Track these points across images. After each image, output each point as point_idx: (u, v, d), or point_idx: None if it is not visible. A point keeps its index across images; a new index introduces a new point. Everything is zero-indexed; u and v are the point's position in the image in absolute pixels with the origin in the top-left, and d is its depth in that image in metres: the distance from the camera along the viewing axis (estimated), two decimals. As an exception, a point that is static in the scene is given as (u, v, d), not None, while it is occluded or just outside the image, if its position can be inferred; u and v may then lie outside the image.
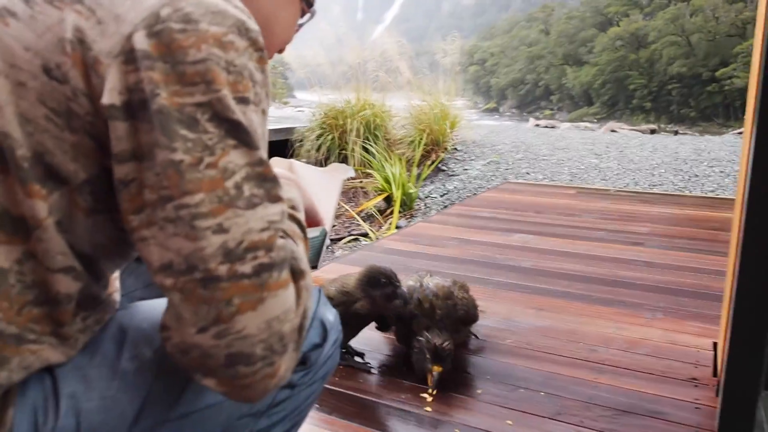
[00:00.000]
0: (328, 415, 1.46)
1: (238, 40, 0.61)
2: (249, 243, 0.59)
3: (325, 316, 0.90)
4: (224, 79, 0.59)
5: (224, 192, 0.58)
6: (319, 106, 6.76)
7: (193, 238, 0.57)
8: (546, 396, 1.56)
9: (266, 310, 0.59)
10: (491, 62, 68.04)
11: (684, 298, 2.30)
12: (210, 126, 0.58)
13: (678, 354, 1.81)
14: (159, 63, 0.58)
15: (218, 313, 0.57)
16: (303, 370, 0.86)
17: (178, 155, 0.57)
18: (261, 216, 0.60)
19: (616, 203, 4.25)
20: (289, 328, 0.61)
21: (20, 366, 0.61)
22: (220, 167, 0.58)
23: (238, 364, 0.59)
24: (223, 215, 0.58)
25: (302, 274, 0.65)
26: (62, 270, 0.62)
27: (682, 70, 46.47)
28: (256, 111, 0.63)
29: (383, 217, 5.25)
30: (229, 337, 0.58)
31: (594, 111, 50.69)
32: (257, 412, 0.83)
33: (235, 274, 0.58)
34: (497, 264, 2.74)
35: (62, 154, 0.60)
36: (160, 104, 0.57)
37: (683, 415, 1.47)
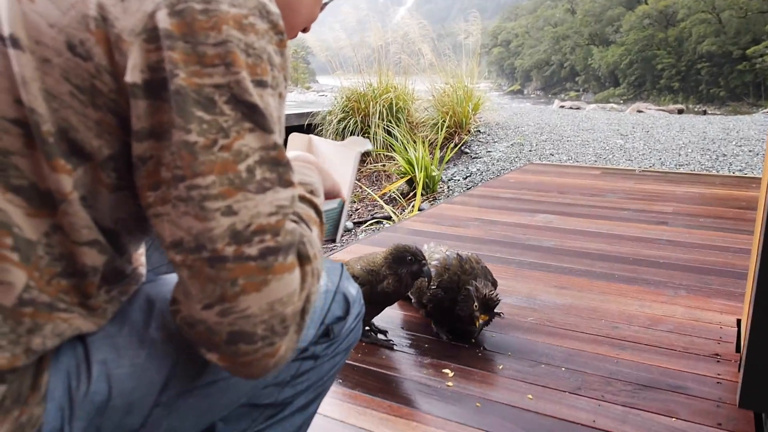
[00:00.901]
0: (351, 389, 1.50)
1: (259, 22, 0.62)
2: (257, 226, 0.60)
3: (348, 290, 0.92)
4: (243, 61, 0.60)
5: (236, 175, 0.59)
6: (341, 90, 6.77)
7: (202, 218, 0.58)
8: (567, 371, 1.57)
9: (270, 292, 0.60)
10: (515, 43, 67.06)
11: (708, 276, 2.29)
12: (227, 108, 0.59)
13: (701, 331, 1.81)
14: (180, 42, 0.58)
15: (223, 292, 0.59)
16: (326, 341, 0.88)
17: (192, 137, 0.58)
18: (270, 200, 0.61)
19: (641, 183, 4.20)
20: (291, 311, 0.62)
21: (53, 333, 0.63)
22: (234, 150, 0.59)
23: (240, 342, 0.60)
24: (233, 198, 0.59)
25: (309, 259, 0.65)
26: (87, 243, 0.63)
27: (711, 48, 45.28)
28: (273, 95, 0.63)
29: (406, 200, 5.26)
30: (232, 316, 0.60)
31: (620, 92, 49.75)
32: (282, 381, 0.85)
33: (242, 255, 0.59)
34: (520, 244, 2.75)
35: (86, 131, 0.61)
36: (179, 84, 0.58)
37: (705, 389, 1.48)
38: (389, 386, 1.52)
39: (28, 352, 0.60)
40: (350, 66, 7.31)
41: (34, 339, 0.61)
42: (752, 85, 42.92)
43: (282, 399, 0.87)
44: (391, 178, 5.77)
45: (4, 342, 0.59)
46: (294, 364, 0.85)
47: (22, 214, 0.60)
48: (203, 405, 0.74)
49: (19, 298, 0.60)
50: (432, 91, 6.87)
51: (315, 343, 0.86)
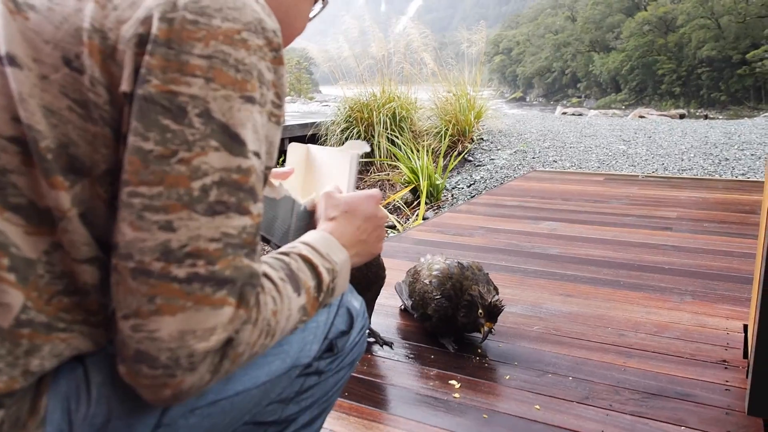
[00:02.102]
0: (357, 403, 1.49)
1: (253, 38, 0.61)
2: (192, 248, 0.57)
3: (351, 304, 0.91)
4: (228, 78, 0.59)
5: (186, 191, 0.57)
6: (344, 99, 6.79)
7: (137, 227, 0.57)
8: (574, 381, 1.57)
9: (184, 320, 0.57)
10: (517, 51, 67.25)
11: (713, 282, 2.28)
12: (197, 121, 0.57)
13: (708, 337, 1.80)
14: (162, 48, 0.57)
15: (139, 307, 0.57)
16: (330, 357, 0.87)
17: (148, 144, 0.57)
18: (217, 225, 0.58)
19: (645, 189, 4.20)
20: (203, 348, 0.58)
21: (51, 354, 0.61)
22: (193, 165, 0.57)
23: (143, 363, 0.58)
24: (176, 214, 0.57)
25: (251, 306, 0.61)
26: (88, 260, 0.62)
27: (711, 53, 45.32)
28: (261, 112, 0.62)
29: (410, 209, 5.26)
30: (141, 333, 0.57)
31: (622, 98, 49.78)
32: (285, 398, 0.84)
33: (167, 274, 0.56)
34: (525, 252, 2.74)
35: (86, 145, 0.60)
36: (147, 91, 0.57)
37: (713, 396, 1.47)
38: (395, 399, 1.51)
39: (26, 374, 0.59)
40: (353, 76, 7.34)
41: (32, 361, 0.60)
42: (753, 89, 42.92)
43: (286, 416, 0.85)
44: (395, 187, 5.78)
45: (1, 365, 0.58)
46: (298, 381, 0.84)
47: (22, 232, 0.60)
48: (205, 425, 0.73)
49: (17, 320, 0.59)
50: (435, 99, 6.89)
51: (318, 359, 0.85)
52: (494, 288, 1.77)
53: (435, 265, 1.81)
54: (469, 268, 1.78)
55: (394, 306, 2.10)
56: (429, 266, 1.82)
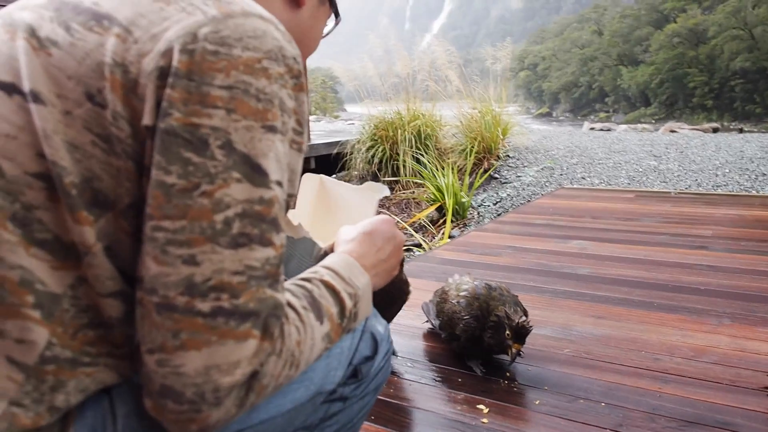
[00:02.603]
0: (383, 427, 1.46)
1: (273, 66, 0.61)
2: (216, 282, 0.57)
3: (375, 329, 0.90)
4: (250, 108, 0.59)
5: (209, 225, 0.57)
6: (369, 118, 6.83)
7: (161, 262, 0.57)
8: (607, 407, 1.51)
9: (209, 355, 0.57)
10: (543, 66, 67.07)
11: (753, 303, 2.19)
12: (219, 153, 0.57)
13: (748, 362, 1.73)
14: (183, 81, 0.57)
15: (164, 342, 0.57)
16: (354, 383, 0.86)
17: (171, 178, 0.57)
18: (241, 258, 0.58)
19: (678, 206, 4.10)
20: (228, 383, 0.58)
21: (77, 389, 0.61)
22: (216, 198, 0.57)
23: (168, 398, 0.58)
24: (199, 248, 0.57)
25: (275, 338, 0.61)
26: (112, 294, 0.62)
27: (745, 64, 44.55)
28: (282, 140, 0.62)
29: (436, 227, 5.23)
30: (167, 368, 0.57)
31: (652, 112, 49.16)
32: (310, 425, 0.83)
33: (192, 309, 0.56)
34: (554, 272, 2.69)
35: (109, 179, 0.60)
36: (169, 124, 0.57)
37: (755, 426, 1.40)
38: (422, 423, 1.48)
39: (51, 410, 0.59)
40: (378, 94, 7.38)
41: (57, 396, 0.60)
42: (789, 101, 42.02)
43: None
44: (421, 205, 5.76)
45: (27, 401, 0.58)
46: (322, 407, 0.83)
47: (48, 267, 0.60)
48: None
49: (41, 356, 0.59)
50: (460, 116, 6.88)
51: (343, 385, 0.84)
52: (522, 309, 1.73)
53: (463, 285, 1.79)
54: (497, 288, 1.74)
55: (421, 327, 2.07)
56: (457, 286, 1.80)
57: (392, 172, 6.31)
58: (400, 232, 0.89)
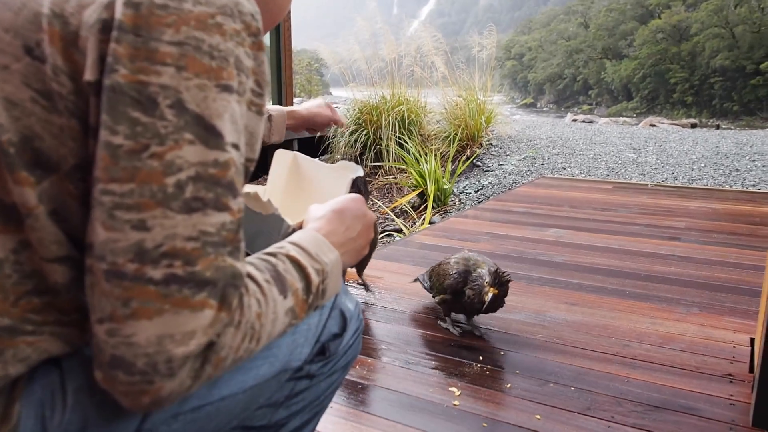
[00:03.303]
0: (354, 408, 1.48)
1: (228, 22, 0.58)
2: (168, 248, 0.54)
3: (345, 306, 0.89)
4: (202, 66, 0.55)
5: (160, 188, 0.54)
6: (353, 102, 6.79)
7: (109, 227, 0.54)
8: (576, 391, 1.55)
9: (162, 324, 0.54)
10: (529, 57, 67.13)
11: (721, 293, 2.25)
12: (170, 113, 0.54)
13: (713, 350, 1.78)
14: (129, 35, 0.54)
15: (113, 311, 0.54)
16: (322, 360, 0.85)
17: (118, 139, 0.54)
18: (194, 223, 0.55)
19: (654, 198, 4.17)
20: (182, 353, 0.55)
21: (15, 359, 0.58)
22: (166, 160, 0.54)
23: (119, 369, 0.55)
24: (149, 212, 0.54)
25: (233, 308, 0.58)
26: (58, 259, 0.59)
27: (725, 62, 45.07)
28: (239, 101, 0.59)
29: (417, 213, 5.25)
30: (117, 338, 0.54)
31: (633, 106, 49.57)
32: (275, 402, 0.82)
33: (142, 276, 0.54)
34: (530, 259, 2.72)
35: (51, 138, 0.57)
36: (115, 81, 0.54)
37: (717, 411, 1.45)
38: (394, 405, 1.50)
39: None
40: (363, 78, 7.34)
41: None
42: (765, 100, 42.61)
43: (276, 420, 0.84)
44: (403, 191, 5.77)
45: None
46: (288, 384, 0.82)
47: None
48: (190, 431, 0.70)
49: None
50: (444, 103, 6.87)
51: (310, 362, 0.83)
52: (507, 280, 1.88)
53: (458, 253, 1.96)
54: (483, 257, 1.91)
55: (396, 310, 2.09)
56: (453, 255, 1.97)
57: (375, 156, 6.30)
58: (370, 211, 0.87)
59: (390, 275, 2.49)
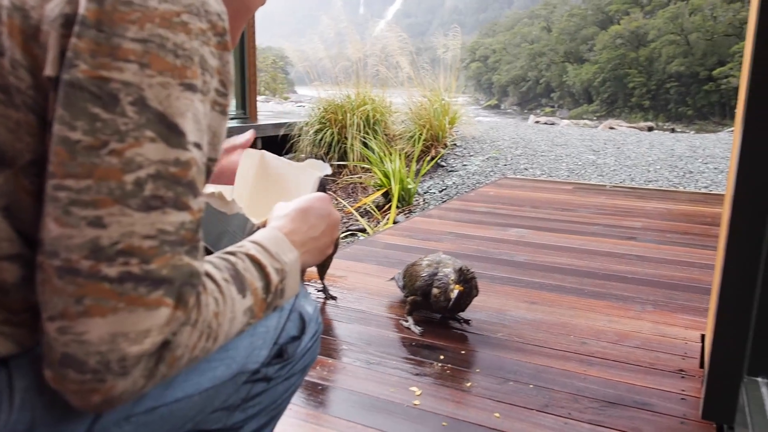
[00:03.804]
0: (313, 410, 1.47)
1: (194, 21, 0.57)
2: (125, 246, 0.53)
3: (304, 308, 0.88)
4: (166, 64, 0.55)
5: (118, 185, 0.53)
6: (318, 101, 6.76)
7: (63, 223, 0.53)
8: (535, 388, 1.57)
9: (116, 323, 0.53)
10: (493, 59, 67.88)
11: (674, 291, 2.32)
12: (131, 110, 0.54)
13: (666, 346, 1.83)
14: (92, 31, 0.53)
15: (65, 308, 0.53)
16: (280, 363, 0.84)
17: (76, 134, 0.53)
18: (152, 221, 0.54)
19: (612, 198, 4.26)
20: (136, 352, 0.54)
21: None
22: (126, 158, 0.53)
23: (70, 368, 0.54)
24: (106, 209, 0.53)
25: (190, 307, 0.57)
26: (8, 258, 0.58)
27: (680, 68, 46.43)
28: (203, 101, 0.58)
29: (381, 212, 5.26)
30: (68, 336, 0.53)
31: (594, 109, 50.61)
32: (231, 405, 0.80)
33: (97, 274, 0.53)
34: (492, 258, 2.75)
35: (7, 133, 0.56)
36: (74, 76, 0.53)
37: (669, 405, 1.49)
38: (354, 405, 1.49)
39: None
40: (328, 77, 7.30)
41: None
42: (718, 105, 44.04)
43: (231, 424, 0.82)
44: (367, 190, 5.77)
45: None
46: (245, 387, 0.80)
47: None
48: None
49: None
50: (409, 104, 6.90)
51: (267, 365, 0.82)
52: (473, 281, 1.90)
53: (432, 254, 2.00)
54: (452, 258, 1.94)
55: (358, 310, 2.09)
56: (426, 256, 2.00)
57: (340, 156, 6.28)
58: (335, 211, 0.86)
59: (353, 275, 2.48)
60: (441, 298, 1.81)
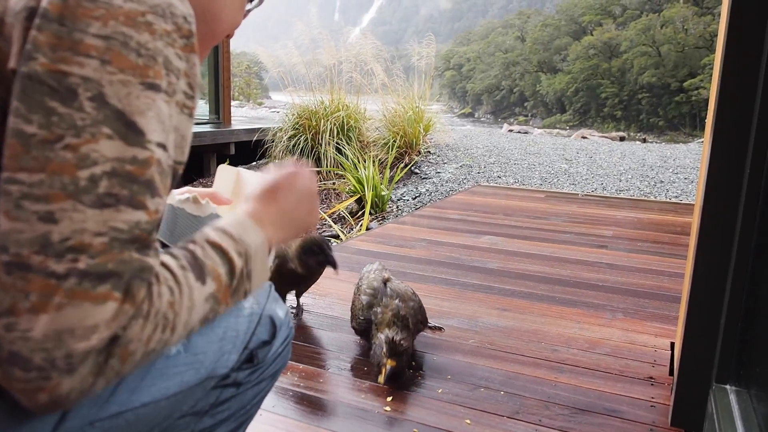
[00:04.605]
0: (283, 415, 1.45)
1: (159, 22, 0.57)
2: (76, 242, 0.53)
3: (275, 313, 0.87)
4: (128, 62, 0.54)
5: (72, 180, 0.52)
6: (292, 106, 6.73)
7: (14, 217, 0.52)
8: (506, 395, 1.57)
9: (60, 318, 0.52)
10: (467, 67, 68.46)
11: (644, 300, 2.34)
12: (89, 106, 0.53)
13: (636, 354, 1.84)
14: (54, 25, 0.53)
15: (13, 304, 0.52)
16: (250, 368, 0.83)
17: (31, 128, 0.52)
18: (105, 219, 0.54)
19: (583, 207, 4.31)
20: (83, 348, 0.53)
21: None
22: (81, 153, 0.53)
23: (15, 365, 0.53)
24: (58, 204, 0.52)
25: (139, 300, 0.56)
26: None
27: (651, 80, 47.39)
28: (168, 101, 0.58)
29: (354, 219, 5.24)
30: (15, 333, 0.52)
31: (566, 118, 51.35)
32: (200, 410, 0.79)
33: (45, 269, 0.52)
34: (464, 265, 2.75)
35: None
36: (32, 69, 0.52)
37: (639, 413, 1.49)
38: (324, 411, 1.47)
39: None
40: (302, 83, 7.29)
41: None
42: (688, 116, 45.01)
43: (200, 429, 0.81)
44: (341, 196, 5.74)
45: None
46: (214, 392, 0.79)
47: None
48: None
49: None
50: (384, 111, 6.90)
51: (237, 370, 0.81)
52: (422, 319, 1.76)
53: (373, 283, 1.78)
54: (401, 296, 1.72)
55: (330, 316, 2.07)
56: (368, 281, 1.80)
57: (313, 162, 6.25)
58: (309, 179, 0.82)
59: (325, 281, 2.45)
60: (374, 369, 1.61)
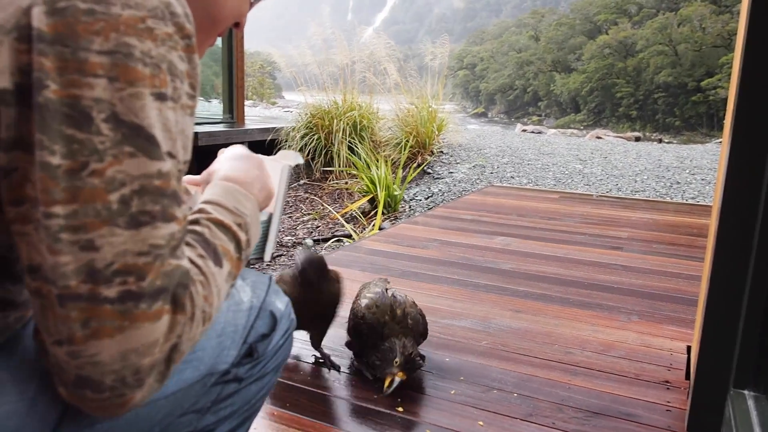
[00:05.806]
0: (298, 414, 1.45)
1: (160, 25, 0.55)
2: (120, 265, 0.53)
3: (275, 306, 0.87)
4: (136, 74, 0.53)
5: (104, 206, 0.52)
6: (305, 106, 6.74)
7: (56, 251, 0.52)
8: (519, 397, 1.55)
9: (124, 341, 0.54)
10: (481, 67, 68.26)
11: (660, 302, 2.31)
12: (105, 127, 0.52)
13: (652, 357, 1.82)
14: (56, 47, 0.51)
15: (72, 333, 0.53)
16: (250, 362, 0.83)
17: (55, 159, 0.51)
18: (144, 238, 0.54)
19: (598, 208, 4.27)
20: (148, 363, 0.56)
21: None
22: (107, 177, 0.52)
23: (87, 388, 0.54)
24: (96, 231, 0.52)
25: (186, 307, 0.58)
26: None
27: (668, 79, 46.94)
28: (174, 108, 0.57)
29: (367, 219, 5.23)
30: (80, 359, 0.53)
31: (581, 118, 51.02)
32: (201, 408, 0.79)
33: (97, 296, 0.52)
34: (477, 266, 2.74)
35: None
36: (47, 98, 0.51)
37: (654, 417, 1.48)
38: (336, 411, 1.47)
39: None
40: (315, 83, 7.29)
41: None
42: (705, 116, 44.54)
43: (202, 427, 0.80)
44: (353, 196, 5.74)
45: None
46: (215, 389, 0.79)
47: None
48: None
49: None
50: (396, 110, 6.89)
51: (238, 365, 0.81)
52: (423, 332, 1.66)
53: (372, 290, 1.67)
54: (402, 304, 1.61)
55: (343, 316, 2.06)
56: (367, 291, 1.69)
57: (326, 161, 6.26)
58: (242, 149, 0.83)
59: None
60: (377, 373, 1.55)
